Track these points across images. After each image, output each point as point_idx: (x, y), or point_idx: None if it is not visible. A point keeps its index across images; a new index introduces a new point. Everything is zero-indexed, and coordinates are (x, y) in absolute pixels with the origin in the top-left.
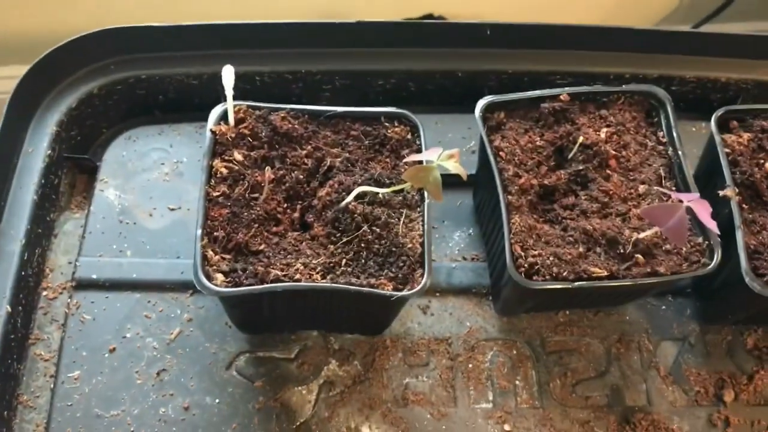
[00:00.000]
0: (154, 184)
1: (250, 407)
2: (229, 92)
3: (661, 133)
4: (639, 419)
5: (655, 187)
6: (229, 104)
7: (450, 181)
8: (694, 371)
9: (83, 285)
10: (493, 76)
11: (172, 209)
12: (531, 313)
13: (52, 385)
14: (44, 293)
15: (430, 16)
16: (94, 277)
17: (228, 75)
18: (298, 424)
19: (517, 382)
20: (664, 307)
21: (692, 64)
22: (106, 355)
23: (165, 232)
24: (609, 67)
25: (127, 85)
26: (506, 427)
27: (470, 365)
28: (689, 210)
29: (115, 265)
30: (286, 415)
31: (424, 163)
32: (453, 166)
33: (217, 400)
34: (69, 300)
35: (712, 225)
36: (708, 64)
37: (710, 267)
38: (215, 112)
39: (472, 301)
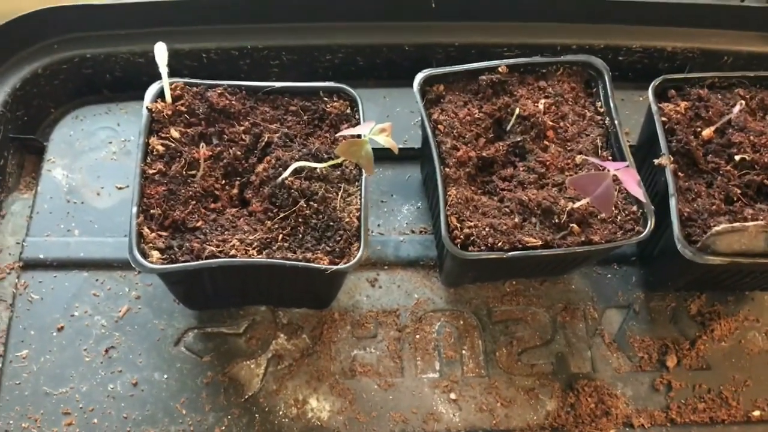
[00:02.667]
0: (102, 163)
1: (198, 382)
2: (163, 69)
3: (599, 103)
4: (583, 386)
5: (590, 158)
6: (165, 81)
7: (398, 156)
8: (638, 338)
9: (31, 265)
10: (440, 49)
11: (120, 188)
12: (477, 283)
13: (0, 364)
14: None
15: None
16: (42, 256)
17: (161, 52)
18: (246, 397)
19: (464, 352)
20: (609, 275)
21: (638, 33)
22: (55, 333)
23: (113, 211)
24: (556, 39)
25: (73, 64)
26: (452, 395)
27: (417, 336)
28: (618, 179)
29: (62, 245)
30: (235, 389)
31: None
32: (384, 140)
33: (165, 376)
34: (17, 280)
35: (638, 193)
36: (654, 34)
37: (643, 234)
38: (152, 90)
39: (420, 274)
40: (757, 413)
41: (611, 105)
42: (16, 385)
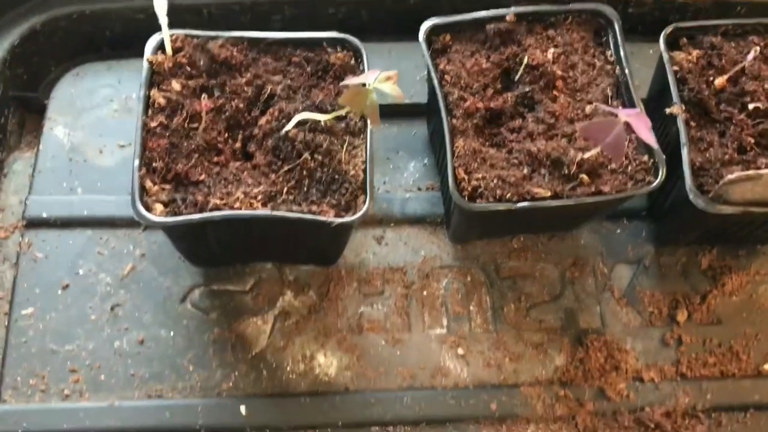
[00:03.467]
0: (104, 121)
1: (205, 339)
2: (163, 20)
3: (609, 53)
4: (592, 340)
5: (600, 106)
6: (165, 33)
7: (404, 111)
8: (648, 293)
9: (34, 223)
10: (445, 2)
11: (122, 146)
12: (484, 239)
13: (6, 322)
14: None
15: None
16: (45, 215)
17: (160, 3)
18: (254, 353)
19: (472, 308)
20: (618, 230)
21: None
22: (60, 292)
23: (115, 169)
24: None
25: (71, 20)
26: (459, 350)
27: (425, 293)
28: (630, 127)
29: (65, 203)
30: (242, 346)
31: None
32: (390, 88)
33: (171, 333)
34: (21, 239)
35: (650, 140)
36: None
37: (654, 184)
38: (152, 42)
39: (427, 230)
40: (767, 367)
41: (621, 54)
42: (22, 342)
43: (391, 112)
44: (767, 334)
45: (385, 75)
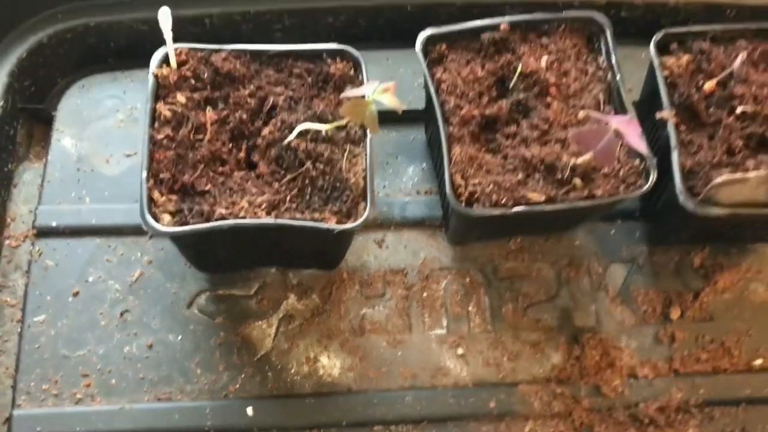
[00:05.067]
0: (110, 131)
1: (211, 342)
2: (168, 35)
3: (601, 59)
4: (587, 339)
5: (592, 113)
6: (170, 47)
7: (402, 118)
8: (642, 291)
9: (44, 232)
10: (442, 9)
11: (128, 155)
12: (482, 241)
13: (19, 329)
14: (7, 242)
15: None
16: (55, 224)
17: (165, 17)
18: (259, 356)
19: (471, 308)
20: (613, 231)
21: None
22: (70, 299)
23: (122, 178)
24: None
25: (77, 33)
26: (459, 350)
27: (425, 294)
28: (620, 133)
29: (74, 212)
30: (247, 349)
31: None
32: (389, 100)
33: (179, 337)
34: (31, 248)
35: (640, 146)
36: None
37: (645, 188)
38: (157, 56)
39: (426, 233)
40: (758, 362)
41: (613, 60)
42: (35, 349)
43: (390, 118)
44: (758, 330)
45: (383, 87)
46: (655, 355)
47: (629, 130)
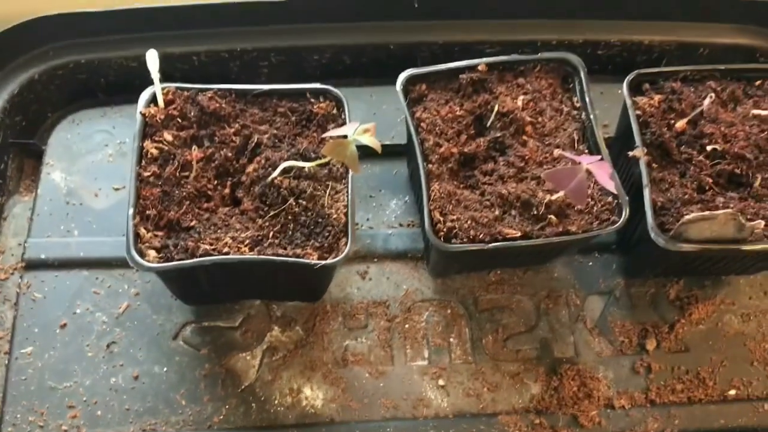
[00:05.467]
0: (99, 166)
1: (196, 374)
2: (155, 75)
3: (575, 99)
4: (566, 369)
5: (565, 152)
6: (157, 87)
7: (385, 152)
8: (619, 323)
9: (33, 265)
10: (424, 47)
11: (117, 189)
12: (463, 274)
13: (6, 361)
14: None
15: None
16: (43, 257)
17: (152, 59)
18: (243, 387)
19: (452, 340)
20: (590, 263)
21: (616, 28)
22: (58, 330)
23: (110, 212)
24: (536, 35)
25: (68, 70)
26: (440, 382)
27: (407, 326)
28: (591, 172)
29: (63, 245)
30: (232, 380)
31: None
32: (368, 140)
33: (165, 369)
34: (20, 280)
35: (610, 186)
36: (631, 28)
37: (618, 224)
38: (144, 95)
39: (409, 266)
40: (732, 392)
41: (587, 100)
42: (22, 380)
43: (373, 152)
44: (732, 361)
45: (363, 128)
46: (632, 386)
47: (599, 170)
